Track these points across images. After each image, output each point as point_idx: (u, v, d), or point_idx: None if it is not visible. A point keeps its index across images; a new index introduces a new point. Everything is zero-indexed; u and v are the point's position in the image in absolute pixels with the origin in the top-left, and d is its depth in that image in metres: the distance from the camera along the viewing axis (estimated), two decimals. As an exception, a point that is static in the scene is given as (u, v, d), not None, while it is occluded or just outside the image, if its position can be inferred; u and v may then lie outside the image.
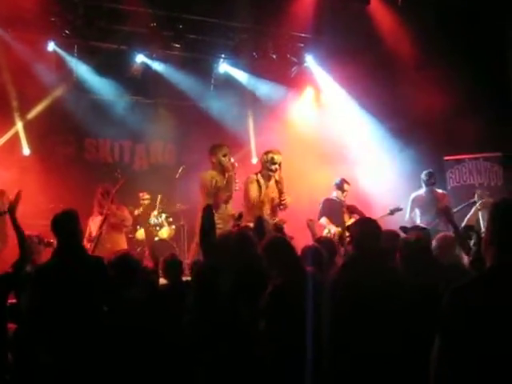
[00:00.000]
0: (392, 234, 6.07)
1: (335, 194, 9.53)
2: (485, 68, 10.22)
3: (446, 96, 9.79)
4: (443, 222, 8.44)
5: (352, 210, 8.55)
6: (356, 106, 11.86)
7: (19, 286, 5.58)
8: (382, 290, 4.35)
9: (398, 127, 11.21)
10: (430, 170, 9.82)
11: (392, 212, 9.18)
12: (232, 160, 8.54)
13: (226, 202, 8.43)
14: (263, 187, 8.48)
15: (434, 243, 5.61)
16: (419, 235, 5.36)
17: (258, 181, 8.50)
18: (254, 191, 8.40)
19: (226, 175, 8.39)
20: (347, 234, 6.57)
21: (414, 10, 10.31)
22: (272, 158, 8.43)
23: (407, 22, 10.56)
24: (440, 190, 9.88)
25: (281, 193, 8.46)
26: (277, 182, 8.48)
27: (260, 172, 8.60)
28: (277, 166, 8.44)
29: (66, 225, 4.98)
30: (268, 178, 8.52)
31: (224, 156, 8.50)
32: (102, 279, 4.95)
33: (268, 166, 8.45)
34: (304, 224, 7.41)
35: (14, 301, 5.80)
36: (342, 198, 9.47)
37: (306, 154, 11.41)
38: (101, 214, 8.92)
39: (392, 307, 4.29)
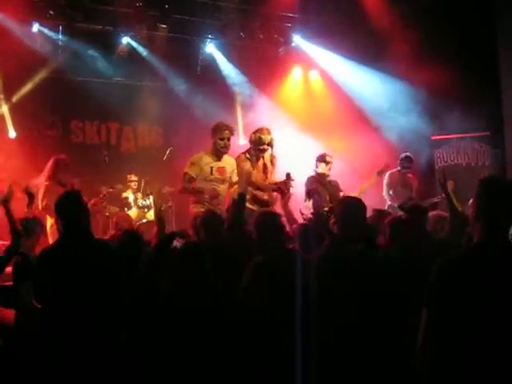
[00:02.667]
0: (379, 212, 6.13)
1: (319, 170, 8.97)
2: (473, 45, 10.16)
3: (434, 75, 9.74)
4: None
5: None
6: (344, 83, 11.80)
7: (19, 272, 5.63)
8: (367, 268, 4.35)
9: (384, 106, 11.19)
10: (408, 154, 10.01)
11: (380, 173, 9.13)
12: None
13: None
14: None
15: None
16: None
17: (249, 159, 8.33)
18: (249, 168, 8.17)
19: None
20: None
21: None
22: (260, 138, 8.24)
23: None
24: (410, 175, 10.11)
25: (269, 173, 8.39)
26: (264, 164, 8.39)
27: (248, 151, 8.43)
28: (265, 146, 8.26)
29: (71, 207, 4.83)
30: (256, 159, 8.37)
31: (221, 139, 8.21)
32: (112, 261, 4.87)
33: (256, 146, 8.28)
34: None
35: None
36: (327, 172, 8.90)
37: (295, 132, 11.39)
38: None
39: (377, 285, 4.29)
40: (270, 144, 8.32)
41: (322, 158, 8.94)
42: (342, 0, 10.67)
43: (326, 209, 7.24)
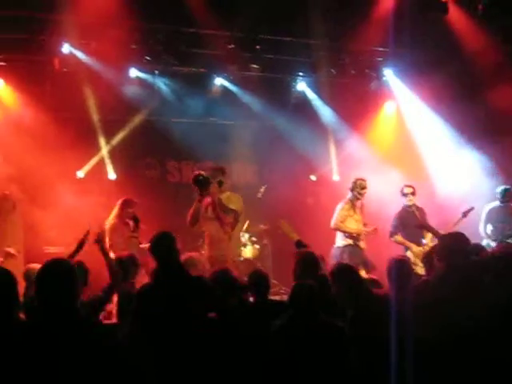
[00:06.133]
0: (476, 247, 5.93)
1: (405, 203, 9.42)
2: None
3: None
4: None
5: (423, 227, 8.59)
6: (437, 117, 11.63)
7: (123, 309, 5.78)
8: (475, 307, 4.22)
9: (479, 135, 10.96)
10: (507, 186, 9.69)
11: (465, 214, 8.81)
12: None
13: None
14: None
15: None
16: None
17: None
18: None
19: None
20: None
21: (496, 16, 10.04)
22: (361, 184, 9.28)
23: (489, 29, 10.29)
24: None
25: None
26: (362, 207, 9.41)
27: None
28: (365, 190, 9.32)
29: (165, 245, 4.99)
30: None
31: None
32: (205, 296, 4.94)
33: (358, 191, 9.30)
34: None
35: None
36: (409, 203, 9.32)
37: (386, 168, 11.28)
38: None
39: (485, 326, 4.15)
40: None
41: (403, 193, 9.48)
42: (434, 33, 10.54)
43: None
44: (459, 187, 10.65)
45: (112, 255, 7.21)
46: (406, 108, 12.30)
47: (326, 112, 12.18)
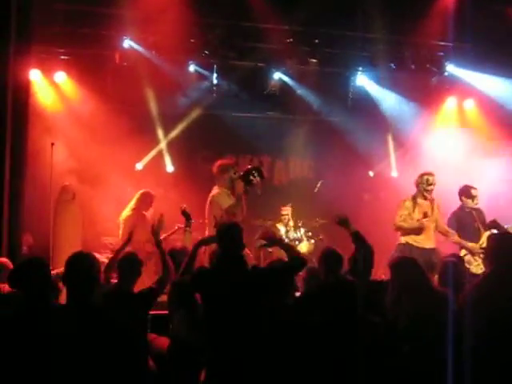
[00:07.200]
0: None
1: (467, 204, 8.81)
2: None
3: None
4: None
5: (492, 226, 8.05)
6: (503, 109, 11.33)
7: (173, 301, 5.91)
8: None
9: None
10: None
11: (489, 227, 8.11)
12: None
13: None
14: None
15: None
16: None
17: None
18: None
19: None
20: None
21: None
22: (427, 180, 8.65)
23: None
24: None
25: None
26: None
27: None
28: (432, 186, 8.68)
29: (231, 234, 5.10)
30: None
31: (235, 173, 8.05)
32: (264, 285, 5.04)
33: (424, 187, 8.67)
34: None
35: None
36: (474, 206, 8.76)
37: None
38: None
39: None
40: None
41: (467, 194, 8.85)
42: (496, 24, 10.27)
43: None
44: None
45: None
46: (469, 103, 12.07)
47: (385, 107, 11.99)
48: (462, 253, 8.33)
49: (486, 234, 8.10)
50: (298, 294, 5.79)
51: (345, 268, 5.51)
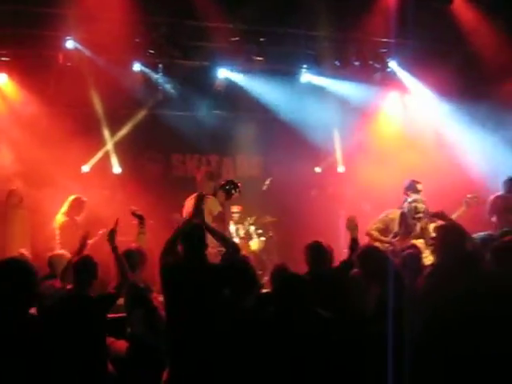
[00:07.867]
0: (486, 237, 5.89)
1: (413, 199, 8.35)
2: None
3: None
4: None
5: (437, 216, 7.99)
6: (443, 106, 11.59)
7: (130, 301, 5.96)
8: (464, 298, 4.26)
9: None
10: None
11: (468, 203, 8.09)
12: None
13: None
14: None
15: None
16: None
17: None
18: None
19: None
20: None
21: (501, 5, 9.99)
22: (415, 208, 8.03)
23: (494, 19, 10.24)
24: None
25: None
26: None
27: None
28: (421, 214, 7.97)
29: (193, 234, 5.45)
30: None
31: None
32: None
33: (413, 215, 8.03)
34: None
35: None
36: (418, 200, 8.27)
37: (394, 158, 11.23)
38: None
39: (474, 315, 4.18)
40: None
41: (414, 188, 8.62)
42: (439, 24, 10.48)
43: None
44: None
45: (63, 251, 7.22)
46: (412, 99, 12.28)
47: (330, 101, 12.09)
48: None
49: (433, 225, 8.20)
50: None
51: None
